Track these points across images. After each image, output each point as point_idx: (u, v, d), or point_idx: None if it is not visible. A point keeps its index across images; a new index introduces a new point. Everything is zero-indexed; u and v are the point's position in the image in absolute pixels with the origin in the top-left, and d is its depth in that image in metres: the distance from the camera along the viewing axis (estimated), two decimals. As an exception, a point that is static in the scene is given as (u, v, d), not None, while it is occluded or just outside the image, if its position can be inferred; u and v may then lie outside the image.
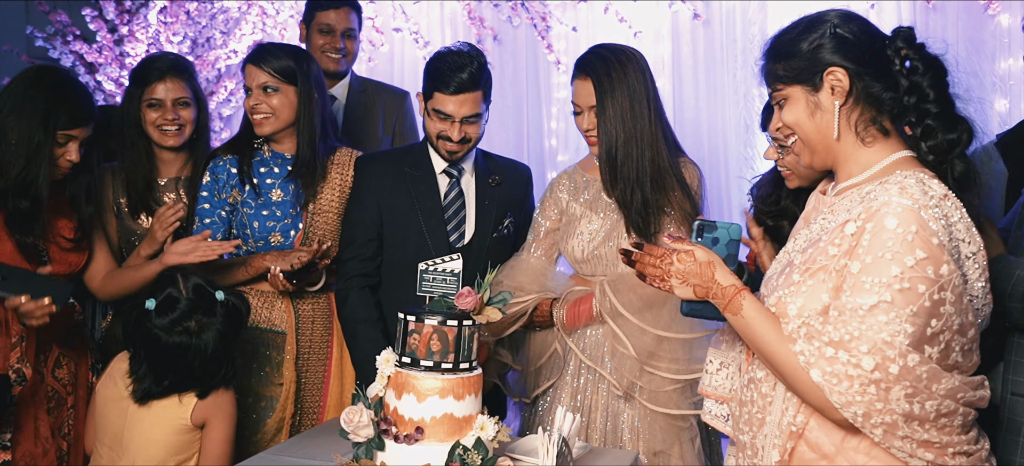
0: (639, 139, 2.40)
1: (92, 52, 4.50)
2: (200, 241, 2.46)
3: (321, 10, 3.45)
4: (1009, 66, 3.48)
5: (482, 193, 2.70)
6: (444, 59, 2.55)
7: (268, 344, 2.70)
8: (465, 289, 1.95)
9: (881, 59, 1.64)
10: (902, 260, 1.47)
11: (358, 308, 2.59)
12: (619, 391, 2.42)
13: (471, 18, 4.53)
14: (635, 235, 2.42)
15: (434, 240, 2.62)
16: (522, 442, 2.14)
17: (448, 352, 1.90)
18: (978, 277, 1.57)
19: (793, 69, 1.67)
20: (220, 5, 4.59)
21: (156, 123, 2.75)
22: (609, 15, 4.28)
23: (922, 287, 1.47)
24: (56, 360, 2.50)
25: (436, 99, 2.56)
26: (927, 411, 1.50)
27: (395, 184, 2.66)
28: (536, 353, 2.58)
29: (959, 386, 1.53)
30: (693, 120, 4.36)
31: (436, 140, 2.61)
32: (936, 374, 1.49)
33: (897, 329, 1.46)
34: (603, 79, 2.41)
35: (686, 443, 2.44)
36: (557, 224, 2.60)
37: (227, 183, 2.69)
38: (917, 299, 1.47)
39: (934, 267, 1.48)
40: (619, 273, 2.46)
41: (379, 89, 3.69)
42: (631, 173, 2.40)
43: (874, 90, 1.62)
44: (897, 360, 1.46)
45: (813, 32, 1.66)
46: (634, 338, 2.39)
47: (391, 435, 1.89)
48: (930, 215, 1.49)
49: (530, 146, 4.63)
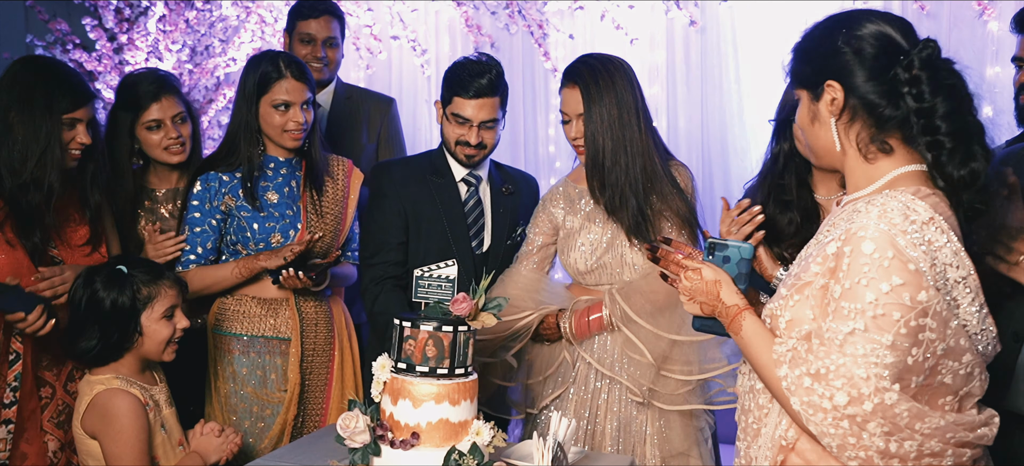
0: (628, 147, 2.41)
1: (91, 60, 4.52)
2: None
3: (302, 20, 3.44)
4: (996, 73, 3.51)
5: (497, 201, 2.76)
6: (464, 67, 2.63)
7: (274, 351, 2.72)
8: (460, 295, 1.97)
9: (888, 76, 1.55)
10: (878, 286, 1.45)
11: (391, 304, 2.61)
12: (638, 398, 2.43)
13: (469, 26, 4.56)
14: (636, 242, 2.45)
15: (458, 246, 2.67)
16: (518, 447, 2.16)
17: (443, 358, 1.92)
18: (970, 301, 1.52)
19: (801, 73, 1.66)
20: (219, 13, 4.62)
21: (161, 145, 2.76)
22: (605, 22, 4.31)
23: (897, 314, 1.44)
24: (69, 374, 2.49)
25: (455, 104, 2.63)
26: (906, 450, 1.47)
27: (419, 190, 2.71)
28: (543, 365, 2.57)
29: (948, 426, 1.48)
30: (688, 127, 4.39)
31: (454, 146, 2.68)
32: (919, 413, 1.46)
33: (874, 361, 1.44)
34: (591, 87, 2.43)
35: (703, 444, 2.48)
36: (551, 239, 2.62)
37: (219, 191, 2.70)
38: (892, 326, 1.44)
39: (911, 293, 1.44)
40: (627, 280, 2.48)
41: (364, 96, 3.70)
42: (621, 180, 2.41)
43: (875, 107, 1.56)
44: (872, 397, 1.44)
45: (826, 39, 1.62)
46: (649, 343, 2.41)
47: (387, 441, 1.91)
48: (908, 241, 1.46)
49: (527, 153, 4.65)
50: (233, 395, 2.69)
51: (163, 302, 2.32)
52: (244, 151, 2.69)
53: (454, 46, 4.73)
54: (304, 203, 2.76)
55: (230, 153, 2.72)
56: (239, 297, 2.72)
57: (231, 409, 2.68)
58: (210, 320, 2.74)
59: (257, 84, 2.68)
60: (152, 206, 2.84)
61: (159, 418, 2.32)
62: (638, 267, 2.48)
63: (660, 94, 4.38)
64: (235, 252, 2.72)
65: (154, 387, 2.37)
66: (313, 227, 2.75)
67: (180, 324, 2.35)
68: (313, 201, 2.78)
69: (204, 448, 2.32)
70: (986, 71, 3.56)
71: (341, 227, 2.85)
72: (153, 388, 2.37)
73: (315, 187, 2.79)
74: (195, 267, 2.68)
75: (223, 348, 2.71)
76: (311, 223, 2.75)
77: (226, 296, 2.73)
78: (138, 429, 2.22)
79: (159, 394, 2.37)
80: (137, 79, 2.82)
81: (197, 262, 2.69)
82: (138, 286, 2.30)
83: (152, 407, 2.31)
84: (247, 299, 2.72)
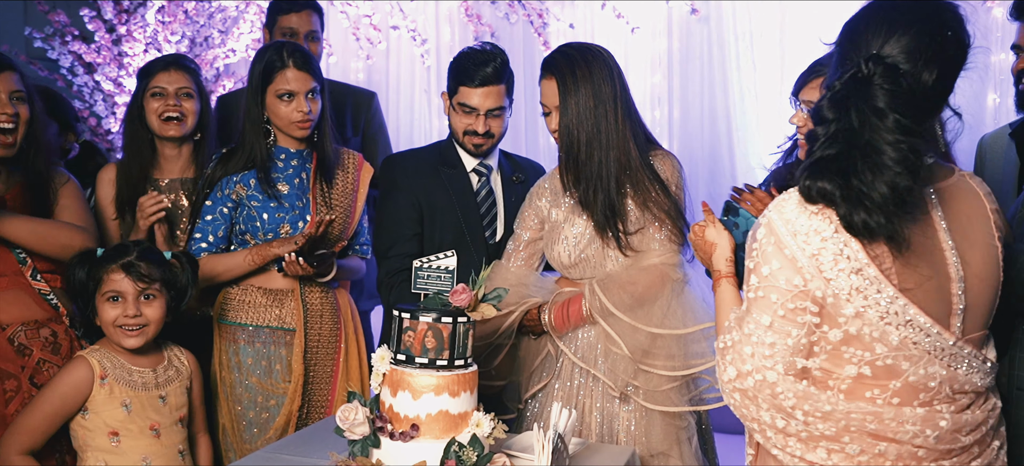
0: (604, 139, 2.36)
1: (90, 52, 4.51)
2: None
3: (282, 14, 3.41)
4: (1000, 60, 3.49)
5: (508, 191, 2.77)
6: (468, 56, 2.64)
7: (279, 341, 2.71)
8: (459, 286, 1.96)
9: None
10: (761, 270, 1.51)
11: (408, 296, 2.60)
12: (615, 392, 2.40)
13: (468, 15, 4.54)
14: (609, 237, 2.40)
15: (472, 236, 2.67)
16: (518, 439, 2.15)
17: (443, 349, 1.90)
18: (875, 291, 1.47)
19: (831, 55, 1.62)
20: (218, 4, 4.60)
21: (158, 112, 2.77)
22: (606, 11, 4.29)
23: (774, 296, 1.49)
24: (35, 367, 2.45)
25: (461, 93, 2.63)
26: (795, 429, 1.52)
27: (432, 181, 2.71)
28: (529, 357, 2.54)
29: (847, 412, 1.50)
30: (690, 116, 4.37)
31: (462, 136, 2.68)
32: (805, 395, 1.50)
33: (755, 340, 1.52)
34: (567, 78, 2.38)
35: (685, 443, 2.42)
36: (538, 234, 2.58)
37: (230, 180, 2.70)
38: (770, 308, 1.50)
39: (787, 277, 1.48)
40: (608, 272, 2.44)
41: (346, 91, 3.68)
42: (594, 173, 2.37)
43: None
44: (754, 374, 1.52)
45: (852, 28, 1.56)
46: (627, 337, 2.35)
47: (386, 433, 1.89)
48: (789, 229, 1.49)
49: (528, 143, 4.64)
50: (238, 385, 2.68)
51: (107, 285, 2.31)
52: (253, 143, 2.70)
53: (454, 36, 4.71)
54: (314, 194, 2.76)
55: (241, 146, 2.73)
56: (245, 287, 2.72)
57: (236, 399, 2.68)
58: (215, 310, 2.74)
59: (262, 75, 2.67)
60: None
61: (119, 394, 2.30)
62: (621, 260, 2.44)
63: (662, 83, 4.37)
64: (244, 242, 2.72)
65: (144, 369, 2.36)
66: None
67: (128, 311, 2.31)
68: (323, 193, 2.78)
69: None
70: (991, 58, 3.54)
71: (350, 219, 2.84)
72: (142, 369, 2.35)
73: (326, 179, 2.78)
74: (206, 255, 2.68)
75: (228, 338, 2.71)
76: (321, 215, 2.75)
77: (231, 286, 2.72)
78: (60, 389, 2.26)
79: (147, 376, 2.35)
80: (159, 57, 2.92)
81: (208, 250, 2.69)
82: (97, 267, 2.31)
83: (111, 381, 2.29)
84: (252, 289, 2.71)
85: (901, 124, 1.43)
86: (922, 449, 1.52)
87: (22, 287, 2.49)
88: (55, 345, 2.50)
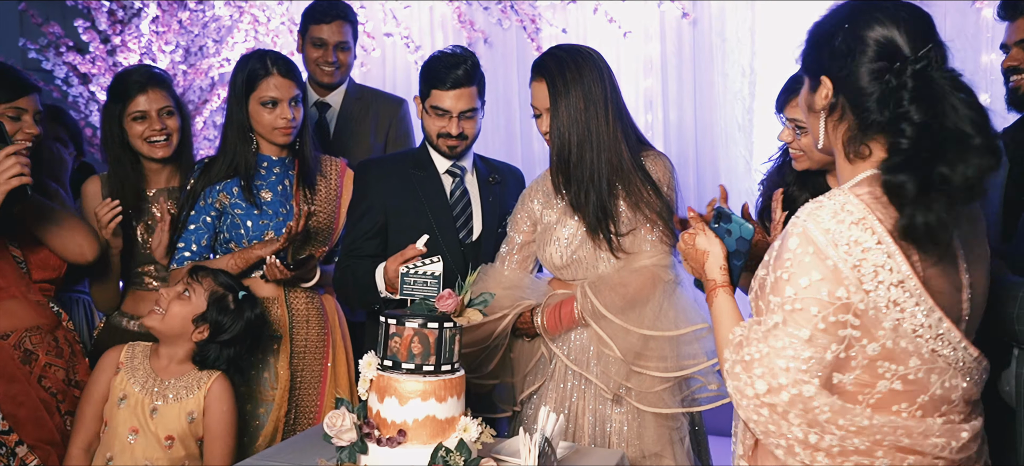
0: (594, 141, 2.36)
1: (85, 63, 4.53)
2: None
3: (314, 23, 3.49)
4: (991, 60, 3.50)
5: (485, 191, 2.77)
6: (439, 59, 2.64)
7: (266, 348, 2.71)
8: (446, 291, 1.96)
9: (883, 81, 1.48)
10: (797, 281, 1.46)
11: (354, 269, 2.68)
12: (607, 394, 2.40)
13: (461, 21, 4.55)
14: (601, 238, 2.40)
15: (445, 237, 2.66)
16: (507, 443, 2.15)
17: (429, 354, 1.91)
18: (913, 304, 1.45)
19: (805, 59, 1.62)
20: (212, 13, 4.62)
21: (144, 136, 2.76)
22: (598, 16, 4.30)
23: (814, 309, 1.44)
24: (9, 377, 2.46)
25: (433, 97, 2.64)
26: (828, 444, 1.48)
27: (401, 185, 2.72)
28: (523, 360, 2.55)
29: (880, 426, 1.48)
30: (682, 119, 4.37)
31: (436, 139, 2.68)
32: (841, 410, 1.47)
33: (791, 354, 1.46)
34: (557, 80, 2.38)
35: (677, 444, 2.42)
36: (531, 237, 2.58)
37: (213, 188, 2.71)
38: (809, 321, 1.45)
39: (829, 289, 1.44)
40: (600, 274, 2.45)
41: (375, 96, 3.71)
42: (585, 175, 2.37)
43: (861, 110, 1.51)
44: (790, 388, 1.46)
45: (831, 32, 1.55)
46: (618, 339, 2.36)
47: (374, 438, 1.90)
48: (829, 238, 1.44)
49: (523, 148, 4.64)
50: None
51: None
52: (237, 150, 2.72)
53: (447, 42, 4.71)
54: (297, 201, 2.77)
55: (222, 153, 2.74)
56: None
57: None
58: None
59: (245, 82, 2.70)
60: (141, 206, 2.84)
61: (123, 385, 2.39)
62: (612, 262, 2.45)
63: (655, 86, 4.37)
64: (228, 250, 2.73)
65: (155, 361, 2.44)
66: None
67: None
68: (306, 199, 2.79)
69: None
70: (981, 58, 3.55)
71: (334, 226, 2.86)
72: (158, 376, 2.41)
73: (308, 185, 2.80)
74: (190, 263, 2.68)
75: (215, 345, 2.71)
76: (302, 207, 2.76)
77: None
78: (93, 375, 2.44)
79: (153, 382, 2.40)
80: (128, 72, 2.87)
81: (192, 258, 2.71)
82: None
83: (127, 371, 2.40)
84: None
85: (971, 103, 1.43)
86: (941, 461, 1.52)
87: (23, 295, 2.51)
88: (58, 350, 2.53)
